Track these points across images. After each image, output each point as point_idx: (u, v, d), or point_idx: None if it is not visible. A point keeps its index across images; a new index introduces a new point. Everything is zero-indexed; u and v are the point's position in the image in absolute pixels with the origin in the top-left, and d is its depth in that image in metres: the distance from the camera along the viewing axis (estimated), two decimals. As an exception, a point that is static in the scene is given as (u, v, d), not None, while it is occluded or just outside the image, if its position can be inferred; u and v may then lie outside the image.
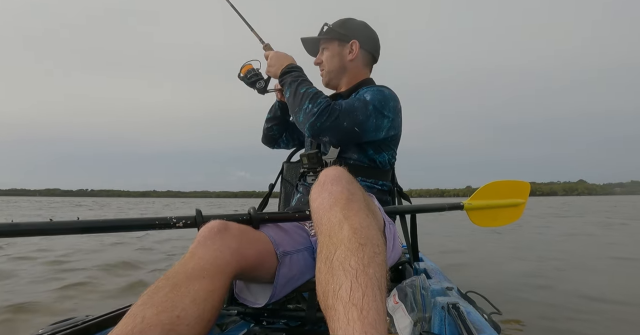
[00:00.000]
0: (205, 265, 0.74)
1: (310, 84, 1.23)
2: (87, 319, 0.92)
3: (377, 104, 1.19)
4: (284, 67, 1.27)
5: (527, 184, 1.73)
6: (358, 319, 0.51)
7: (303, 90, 1.18)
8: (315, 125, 1.13)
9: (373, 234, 0.65)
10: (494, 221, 1.63)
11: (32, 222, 0.86)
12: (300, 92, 1.18)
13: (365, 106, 1.18)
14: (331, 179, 0.77)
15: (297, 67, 1.28)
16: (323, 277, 0.60)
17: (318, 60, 1.42)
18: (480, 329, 0.76)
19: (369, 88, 1.28)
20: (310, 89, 1.18)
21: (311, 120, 1.13)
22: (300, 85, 1.20)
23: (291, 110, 1.22)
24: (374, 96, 1.21)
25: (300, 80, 1.23)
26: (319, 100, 1.14)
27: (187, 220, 0.95)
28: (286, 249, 0.98)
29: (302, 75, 1.26)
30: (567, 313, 1.92)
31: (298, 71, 1.26)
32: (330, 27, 1.37)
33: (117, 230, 0.97)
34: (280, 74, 1.27)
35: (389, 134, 1.25)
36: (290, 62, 1.29)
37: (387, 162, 1.32)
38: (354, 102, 1.19)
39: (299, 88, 1.20)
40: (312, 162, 1.27)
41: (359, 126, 1.17)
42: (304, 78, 1.25)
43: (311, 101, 1.15)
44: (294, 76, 1.24)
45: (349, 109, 1.16)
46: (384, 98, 1.22)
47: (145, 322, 0.61)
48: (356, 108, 1.16)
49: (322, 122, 1.13)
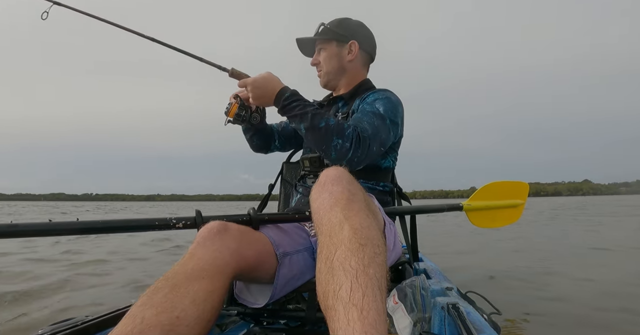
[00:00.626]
0: (205, 266, 0.74)
1: (323, 114, 1.10)
2: (86, 319, 0.92)
3: (391, 115, 1.18)
4: (278, 97, 1.13)
5: (525, 184, 1.74)
6: (358, 319, 0.51)
7: (323, 125, 1.06)
8: (352, 161, 1.08)
9: (373, 235, 0.65)
10: (493, 222, 1.64)
11: (31, 222, 0.86)
12: (321, 127, 1.06)
13: (384, 122, 1.15)
14: (332, 180, 0.77)
15: (293, 93, 1.13)
16: (323, 278, 0.60)
17: (315, 61, 1.39)
18: (480, 329, 0.76)
19: (377, 94, 1.26)
20: (330, 121, 1.07)
21: (348, 157, 1.07)
22: (314, 118, 1.08)
23: (316, 146, 1.11)
24: (386, 107, 1.19)
25: (309, 110, 1.09)
26: (346, 133, 1.06)
27: (187, 221, 0.95)
28: (286, 249, 0.98)
29: (306, 102, 1.12)
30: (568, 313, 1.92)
31: (299, 99, 1.12)
32: (328, 26, 1.33)
33: (117, 231, 0.97)
34: (280, 106, 1.13)
35: (395, 140, 1.26)
36: (278, 86, 1.14)
37: (390, 165, 1.33)
38: (372, 119, 1.13)
39: (315, 122, 1.07)
40: (314, 166, 1.26)
41: (384, 145, 1.17)
42: (312, 106, 1.11)
43: (339, 135, 1.05)
44: (299, 108, 1.10)
45: (374, 131, 1.11)
46: (394, 106, 1.22)
47: (144, 322, 0.61)
48: (378, 128, 1.13)
49: (358, 156, 1.07)
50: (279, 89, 1.13)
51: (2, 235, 0.83)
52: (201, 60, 1.22)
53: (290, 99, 1.12)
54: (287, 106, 1.11)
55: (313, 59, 1.40)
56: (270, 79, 1.15)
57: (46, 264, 3.60)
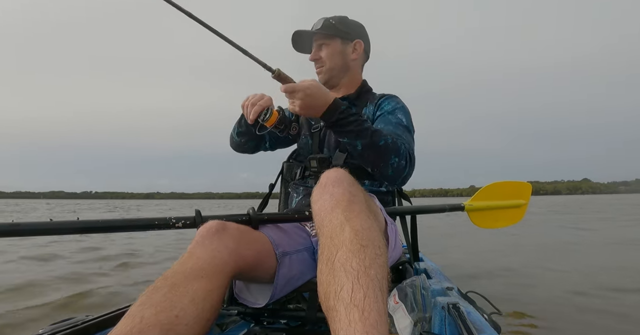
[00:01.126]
0: (204, 265, 0.74)
1: (379, 130, 1.08)
2: (86, 319, 0.92)
3: (411, 127, 1.24)
4: (333, 110, 1.05)
5: (528, 184, 1.73)
6: (359, 320, 0.51)
7: (383, 142, 1.05)
8: (406, 178, 1.13)
9: (374, 236, 0.65)
10: (495, 222, 1.62)
11: (32, 222, 0.87)
12: (380, 145, 1.05)
13: (412, 135, 1.21)
14: (332, 181, 0.77)
15: (348, 108, 1.07)
16: (324, 278, 0.60)
17: (316, 56, 1.33)
18: (480, 329, 0.76)
19: (392, 102, 1.29)
20: (388, 139, 1.06)
21: (403, 175, 1.11)
22: (374, 135, 1.05)
23: (371, 163, 1.08)
24: (407, 118, 1.24)
25: (367, 126, 1.06)
26: (401, 151, 1.07)
27: (186, 221, 0.95)
28: (286, 249, 0.98)
29: (361, 118, 1.07)
30: (568, 313, 1.92)
31: (354, 114, 1.07)
32: (332, 22, 1.30)
33: (117, 231, 0.97)
34: (335, 118, 1.05)
35: None
36: (332, 97, 1.06)
37: None
38: (406, 134, 1.17)
39: (375, 139, 1.05)
40: (322, 166, 1.24)
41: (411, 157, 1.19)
42: (367, 122, 1.08)
43: (396, 154, 1.06)
44: (356, 124, 1.05)
45: (413, 147, 1.16)
46: (409, 116, 1.26)
47: (144, 322, 0.61)
48: (411, 143, 1.17)
49: (410, 173, 1.12)
50: (332, 101, 1.05)
51: (4, 234, 0.84)
52: (247, 54, 1.05)
53: (347, 113, 1.05)
54: (342, 120, 1.05)
55: (313, 54, 1.34)
56: (323, 88, 1.06)
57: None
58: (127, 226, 0.96)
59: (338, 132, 1.08)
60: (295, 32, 1.34)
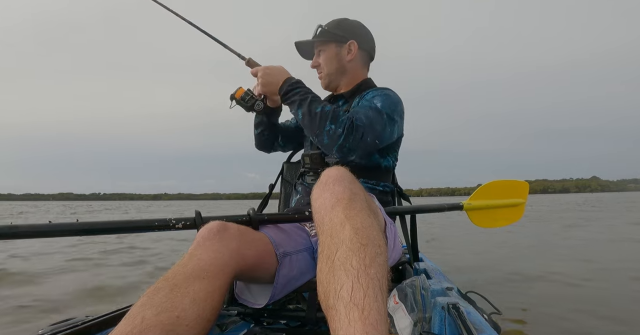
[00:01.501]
0: (205, 266, 0.74)
1: (321, 101, 1.15)
2: (86, 319, 0.92)
3: (388, 111, 1.18)
4: (284, 84, 1.18)
5: (525, 183, 1.74)
6: (359, 319, 0.51)
7: (319, 110, 1.10)
8: (344, 146, 1.09)
9: (374, 235, 0.65)
10: (494, 222, 1.63)
11: (31, 224, 0.86)
12: (317, 111, 1.10)
13: (381, 116, 1.15)
14: (333, 179, 0.77)
15: (298, 82, 1.19)
16: (324, 277, 0.60)
17: (315, 63, 1.39)
18: (480, 329, 0.76)
19: (376, 92, 1.26)
20: (326, 107, 1.11)
21: (339, 143, 1.08)
22: (312, 104, 1.12)
23: (310, 131, 1.14)
24: (384, 103, 1.19)
25: (309, 97, 1.14)
26: (340, 119, 1.09)
27: (186, 222, 0.95)
28: (286, 249, 0.98)
29: (308, 90, 1.18)
30: (568, 313, 1.92)
31: (302, 87, 1.18)
32: (325, 28, 1.34)
33: (117, 232, 0.97)
34: (283, 92, 1.18)
35: (396, 137, 1.26)
36: (286, 76, 1.20)
37: (390, 165, 1.33)
38: (368, 112, 1.14)
39: (312, 107, 1.11)
40: (314, 163, 1.27)
41: (379, 138, 1.16)
42: (313, 94, 1.17)
43: (332, 121, 1.08)
44: (300, 94, 1.15)
45: (369, 122, 1.12)
46: (393, 103, 1.21)
47: (145, 322, 0.61)
48: (373, 120, 1.13)
49: (350, 142, 1.08)
50: (285, 78, 1.19)
51: (3, 237, 0.83)
52: (223, 45, 1.29)
53: (294, 86, 1.17)
54: (289, 92, 1.17)
55: (313, 61, 1.40)
56: (279, 69, 1.22)
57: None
58: (126, 228, 0.95)
59: (287, 103, 1.19)
60: (295, 43, 1.41)
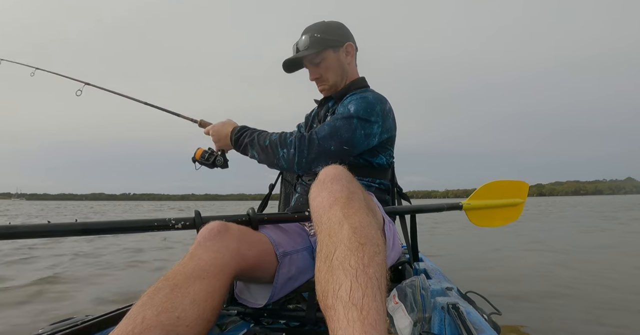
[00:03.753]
0: (205, 266, 0.74)
1: (266, 132, 1.19)
2: (87, 319, 0.92)
3: (361, 113, 1.17)
4: (231, 134, 1.23)
5: (525, 183, 1.74)
6: (358, 319, 0.51)
7: (267, 143, 1.15)
8: (301, 163, 1.13)
9: (373, 233, 0.65)
10: (492, 221, 1.64)
11: (29, 224, 0.85)
12: (265, 145, 1.15)
13: (349, 121, 1.15)
14: (331, 178, 0.77)
15: (242, 128, 1.23)
16: (322, 277, 0.60)
17: (316, 75, 1.33)
18: (480, 329, 0.76)
19: (353, 96, 1.25)
20: (272, 136, 1.16)
21: (295, 161, 1.12)
22: (259, 139, 1.17)
23: (270, 164, 1.19)
24: (357, 106, 1.18)
25: (254, 135, 1.19)
26: (288, 141, 1.13)
27: (186, 222, 0.95)
28: (286, 249, 0.98)
29: (253, 130, 1.22)
30: (568, 313, 1.92)
31: (245, 130, 1.22)
32: (318, 36, 1.28)
33: (116, 232, 0.97)
34: (233, 143, 1.23)
35: (382, 137, 1.24)
36: (231, 127, 1.25)
37: (385, 163, 1.32)
38: (335, 122, 1.16)
39: (260, 142, 1.16)
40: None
41: (347, 143, 1.15)
42: (258, 131, 1.21)
43: (282, 146, 1.13)
44: (247, 136, 1.20)
45: (331, 132, 1.14)
46: (368, 104, 1.19)
47: (145, 322, 0.61)
48: (339, 127, 1.14)
49: (305, 156, 1.12)
50: (231, 129, 1.24)
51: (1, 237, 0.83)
52: (176, 114, 1.44)
53: (240, 133, 1.22)
54: (238, 140, 1.21)
55: (312, 73, 1.34)
56: (226, 123, 1.28)
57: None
58: (126, 228, 0.95)
59: (240, 151, 1.23)
60: (286, 61, 1.33)
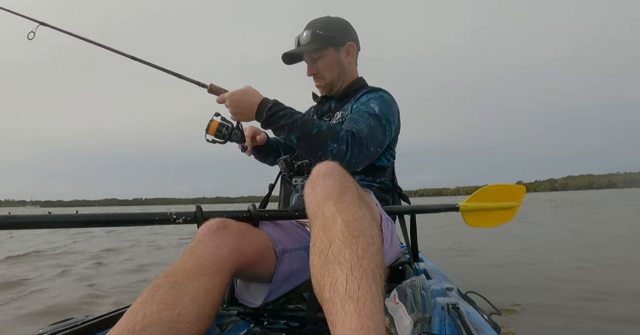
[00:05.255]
0: (205, 263, 0.75)
1: (312, 119, 1.07)
2: (87, 319, 0.92)
3: (386, 115, 1.18)
4: (260, 110, 1.06)
5: (522, 187, 1.83)
6: (355, 311, 0.52)
7: (315, 132, 1.03)
8: (351, 162, 1.05)
9: (366, 225, 0.66)
10: (486, 222, 1.71)
11: (30, 214, 0.84)
12: (313, 133, 1.03)
13: (379, 122, 1.15)
14: (323, 174, 0.78)
15: (275, 104, 1.07)
16: (318, 270, 0.61)
17: (314, 71, 1.32)
18: (480, 329, 0.76)
19: (371, 94, 1.25)
20: (322, 127, 1.04)
21: (346, 160, 1.04)
22: (305, 126, 1.04)
23: (309, 154, 1.08)
24: (381, 107, 1.19)
25: (298, 120, 1.05)
26: (341, 135, 1.04)
27: (187, 217, 0.95)
28: (285, 246, 0.98)
29: (291, 111, 1.08)
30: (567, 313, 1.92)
31: (283, 109, 1.07)
32: (319, 32, 1.27)
33: (117, 225, 0.96)
34: (264, 117, 1.06)
35: (392, 137, 1.26)
36: (258, 99, 1.07)
37: (386, 162, 1.32)
38: (368, 120, 1.12)
39: (305, 129, 1.03)
40: (288, 167, 1.23)
41: (381, 145, 1.16)
42: (298, 114, 1.08)
43: (334, 139, 1.03)
44: (286, 118, 1.05)
45: (370, 131, 1.10)
46: (388, 105, 1.21)
47: (146, 319, 0.61)
48: (374, 128, 1.12)
49: (356, 156, 1.06)
50: (259, 101, 1.07)
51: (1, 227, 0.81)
52: (179, 76, 1.22)
53: (274, 109, 1.06)
54: (271, 117, 1.05)
55: (310, 69, 1.34)
56: (248, 92, 1.09)
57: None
58: (127, 220, 0.95)
59: (273, 130, 1.09)
60: (285, 54, 1.32)
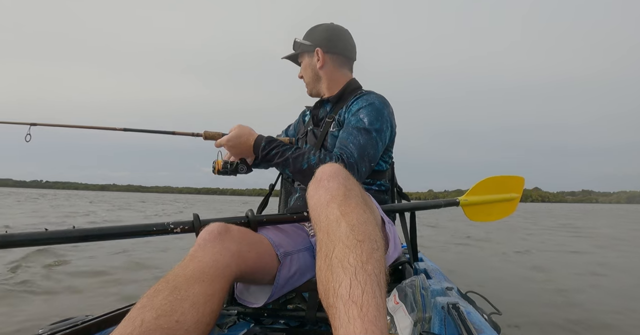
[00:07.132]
0: (205, 269, 0.74)
1: (301, 153, 1.13)
2: (86, 319, 0.91)
3: (376, 125, 1.19)
4: (255, 148, 1.15)
5: (521, 178, 1.77)
6: (358, 317, 0.51)
7: (305, 167, 1.10)
8: None
9: (371, 230, 0.65)
10: (488, 216, 1.67)
11: (26, 232, 0.84)
12: (304, 169, 1.10)
13: (370, 136, 1.16)
14: (327, 176, 0.77)
15: (268, 142, 1.15)
16: (323, 275, 0.60)
17: (299, 75, 1.44)
18: (480, 329, 0.76)
19: (361, 102, 1.25)
20: (311, 160, 1.10)
21: None
22: (295, 162, 1.11)
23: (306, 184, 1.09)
24: (370, 117, 1.19)
25: (289, 156, 1.12)
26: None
27: (184, 226, 0.95)
28: (287, 249, 0.98)
29: (283, 147, 1.14)
30: (567, 313, 1.92)
31: (274, 147, 1.14)
32: (296, 40, 1.38)
33: (115, 238, 0.96)
34: (260, 159, 1.17)
35: (386, 144, 1.26)
36: (253, 137, 1.16)
37: (382, 167, 1.32)
38: (357, 138, 1.14)
39: (297, 165, 1.11)
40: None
41: (373, 160, 1.18)
42: (290, 150, 1.14)
43: None
44: (278, 156, 1.13)
45: (360, 152, 1.12)
46: (378, 113, 1.21)
47: (144, 325, 0.60)
48: (364, 146, 1.14)
49: None
50: (253, 142, 1.16)
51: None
52: (173, 133, 1.29)
53: (267, 149, 1.14)
54: (266, 156, 1.15)
55: (299, 72, 1.45)
56: (241, 134, 1.16)
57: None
58: (125, 233, 0.94)
59: (269, 166, 1.18)
60: (281, 58, 1.47)
